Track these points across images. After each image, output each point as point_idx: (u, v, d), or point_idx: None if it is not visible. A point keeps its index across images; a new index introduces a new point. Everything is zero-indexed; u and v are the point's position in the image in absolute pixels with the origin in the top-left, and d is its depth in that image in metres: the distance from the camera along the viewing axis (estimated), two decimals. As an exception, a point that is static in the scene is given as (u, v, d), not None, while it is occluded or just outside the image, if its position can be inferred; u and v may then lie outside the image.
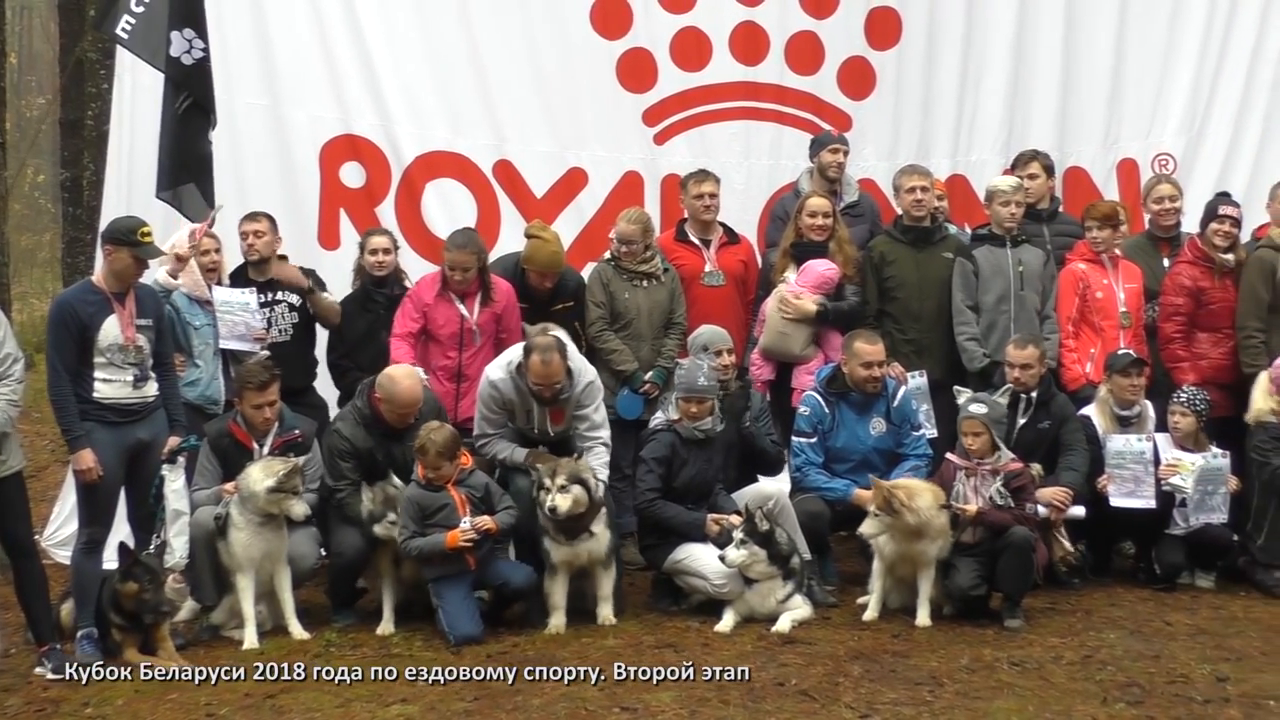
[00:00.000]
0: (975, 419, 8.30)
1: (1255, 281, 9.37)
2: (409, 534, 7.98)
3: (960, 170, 11.75)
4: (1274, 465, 8.79)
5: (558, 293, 9.66)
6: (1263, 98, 12.04)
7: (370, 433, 8.39)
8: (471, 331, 9.26)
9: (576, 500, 8.08)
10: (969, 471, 8.29)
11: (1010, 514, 8.14)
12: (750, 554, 8.03)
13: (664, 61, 11.45)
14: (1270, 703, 6.50)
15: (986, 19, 11.79)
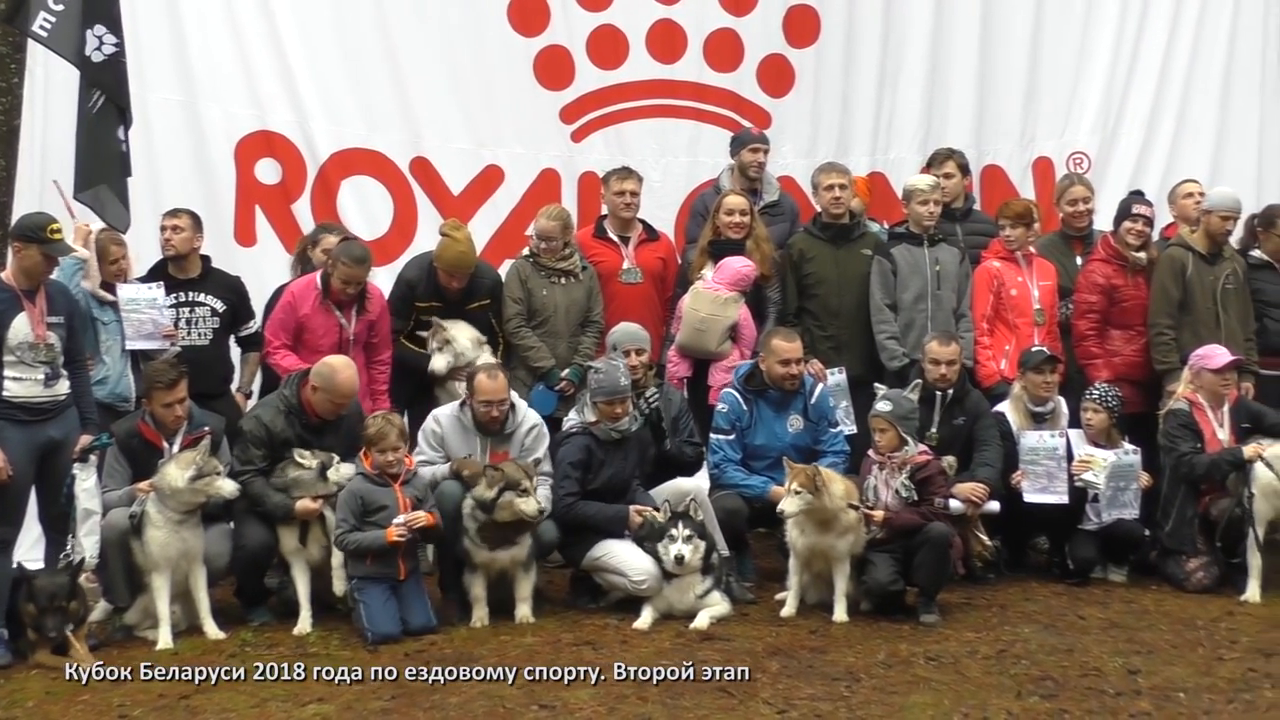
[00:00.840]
0: (881, 416, 8.34)
1: (1166, 280, 9.48)
2: (346, 528, 7.92)
3: (879, 168, 11.85)
4: (1180, 451, 8.90)
5: (472, 291, 9.60)
6: (1175, 97, 12.27)
7: (290, 423, 8.31)
8: (349, 341, 9.14)
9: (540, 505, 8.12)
10: (881, 465, 8.34)
11: (918, 513, 8.17)
12: (695, 548, 8.07)
13: (581, 59, 11.48)
14: (1180, 695, 6.56)
15: (904, 17, 11.93)
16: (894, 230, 10.09)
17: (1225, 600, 8.47)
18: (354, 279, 9.03)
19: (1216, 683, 6.76)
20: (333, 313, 9.11)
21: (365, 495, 7.97)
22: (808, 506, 8.07)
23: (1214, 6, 12.32)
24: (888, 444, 8.32)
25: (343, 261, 9.01)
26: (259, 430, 8.27)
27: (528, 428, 8.63)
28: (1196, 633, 7.73)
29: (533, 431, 8.64)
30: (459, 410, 8.61)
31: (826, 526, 8.12)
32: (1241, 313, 9.52)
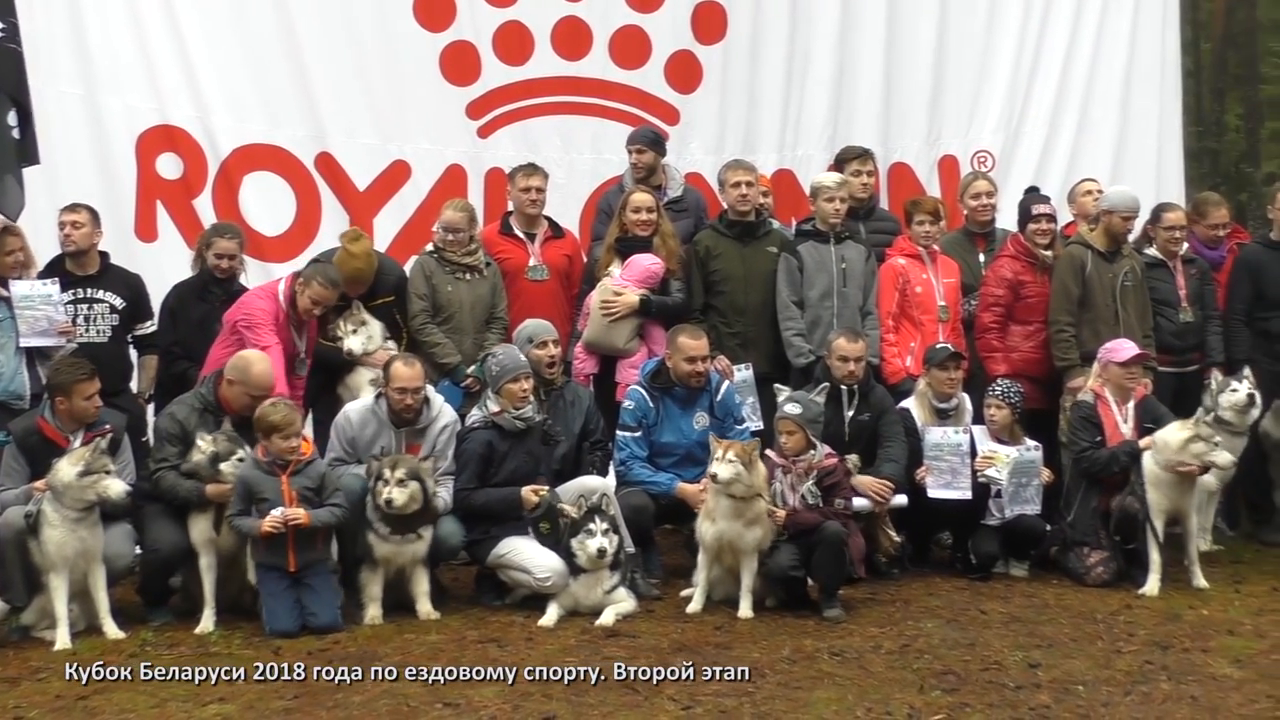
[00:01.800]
0: (790, 419, 8.34)
1: (1066, 277, 9.59)
2: (236, 510, 7.87)
3: (786, 165, 11.92)
4: (1081, 446, 9.01)
5: (376, 288, 9.54)
6: (1076, 97, 12.48)
7: (205, 420, 8.20)
8: (299, 359, 9.06)
9: (413, 495, 8.02)
10: (785, 469, 8.35)
11: (819, 513, 8.19)
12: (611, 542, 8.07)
13: (487, 55, 11.49)
14: (1079, 687, 6.62)
15: (811, 15, 12.03)
16: (800, 227, 10.13)
17: (1124, 594, 8.58)
18: (325, 301, 8.93)
19: (1115, 675, 6.83)
20: (289, 330, 8.98)
21: (251, 482, 7.91)
22: (738, 477, 8.07)
23: (1114, 10, 12.54)
24: (795, 447, 8.33)
25: (318, 282, 8.87)
26: (173, 427, 8.17)
27: (442, 425, 8.60)
28: (1095, 626, 7.80)
29: (446, 430, 8.60)
30: (374, 403, 8.55)
31: (738, 513, 8.13)
32: (1140, 310, 9.66)
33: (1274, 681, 6.73)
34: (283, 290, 8.94)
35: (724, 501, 8.15)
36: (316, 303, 8.88)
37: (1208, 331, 10.01)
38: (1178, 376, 9.82)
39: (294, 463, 8.00)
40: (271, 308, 8.84)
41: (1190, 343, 9.94)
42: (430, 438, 8.55)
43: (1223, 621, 7.93)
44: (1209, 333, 10.02)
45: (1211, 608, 8.26)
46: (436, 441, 8.55)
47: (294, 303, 8.89)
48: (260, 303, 8.88)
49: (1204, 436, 8.71)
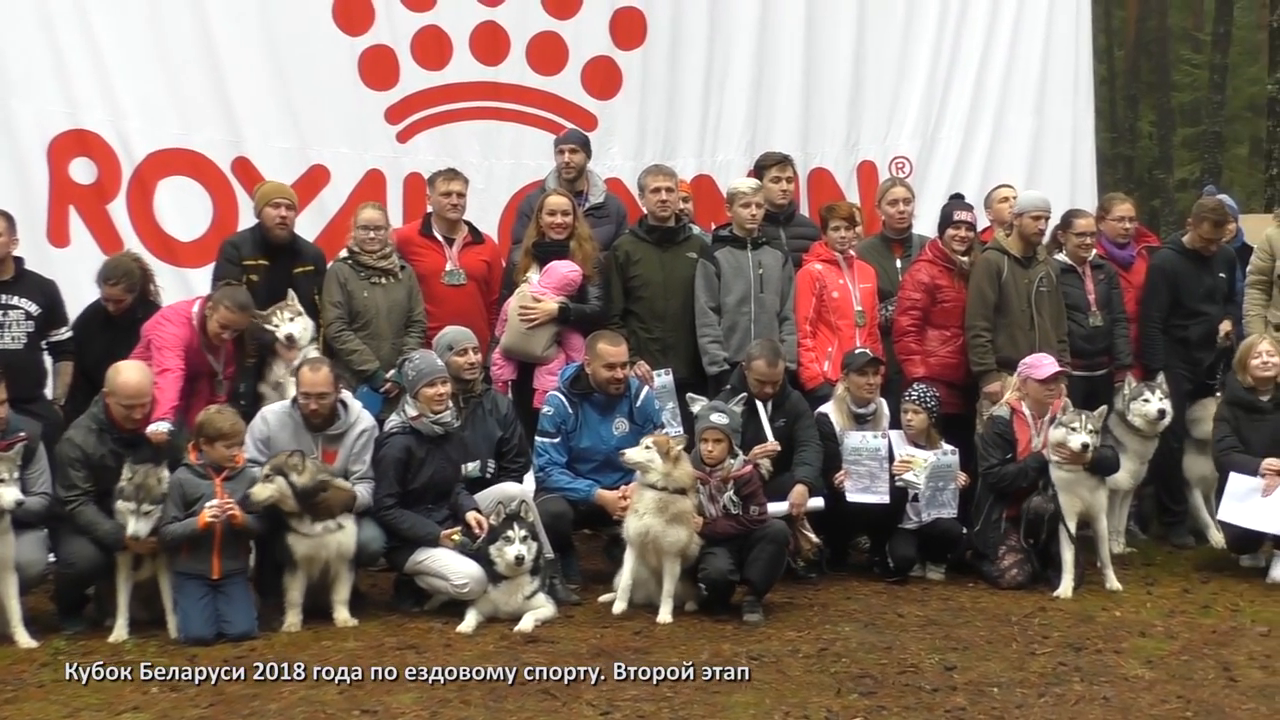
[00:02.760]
0: (716, 428, 8.34)
1: (982, 283, 9.66)
2: (169, 519, 7.80)
3: (706, 170, 11.96)
4: (990, 462, 9.09)
5: (298, 252, 9.58)
6: (991, 103, 12.61)
7: (103, 440, 8.08)
8: (219, 381, 8.97)
9: (279, 490, 7.97)
10: (703, 480, 8.35)
11: (736, 521, 8.22)
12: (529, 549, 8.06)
13: (406, 60, 11.45)
14: (993, 689, 6.69)
15: (730, 21, 12.07)
16: (718, 233, 10.15)
17: (1038, 596, 8.66)
18: (233, 325, 8.81)
19: (1029, 677, 6.90)
20: (203, 353, 8.88)
21: (186, 485, 7.87)
22: (650, 463, 8.13)
23: (1028, 17, 12.67)
24: (719, 455, 8.35)
25: (225, 306, 8.77)
26: (73, 452, 8.01)
27: (360, 430, 8.53)
28: (1010, 628, 7.88)
29: (363, 435, 8.54)
30: (290, 407, 8.49)
31: (662, 509, 8.14)
32: (1054, 315, 9.76)
33: (1184, 682, 6.83)
34: (195, 313, 8.85)
35: (648, 496, 8.18)
36: (225, 326, 8.77)
37: (1115, 335, 10.13)
38: (1087, 380, 9.92)
39: (228, 468, 7.98)
40: (182, 333, 8.74)
41: (1099, 346, 10.06)
42: (347, 443, 8.49)
43: (1135, 623, 8.03)
44: (1116, 336, 10.14)
45: (1124, 609, 8.36)
46: (354, 447, 8.49)
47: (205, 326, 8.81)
48: (170, 327, 8.77)
49: (1064, 422, 8.86)
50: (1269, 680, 6.84)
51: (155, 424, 8.14)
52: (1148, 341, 10.31)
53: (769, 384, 9.02)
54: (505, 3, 11.60)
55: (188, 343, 8.74)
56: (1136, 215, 10.87)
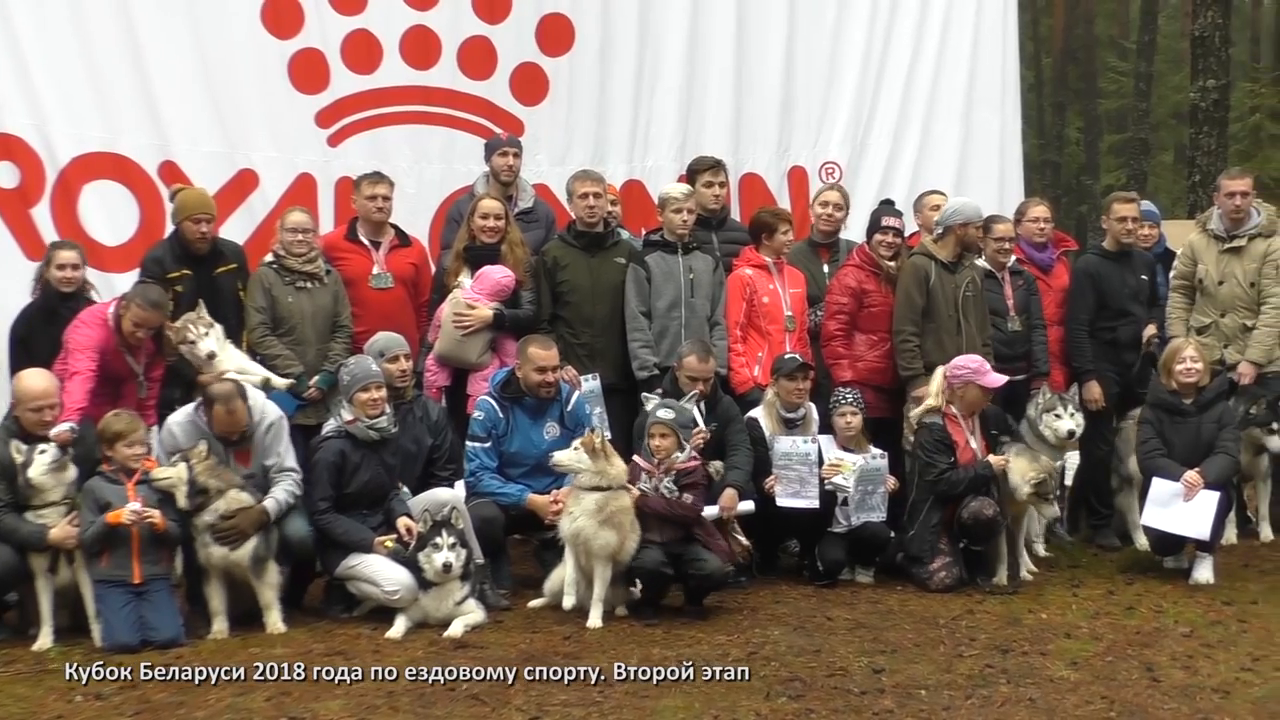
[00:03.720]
0: (664, 423, 8.40)
1: (910, 288, 9.70)
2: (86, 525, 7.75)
3: (636, 176, 11.96)
4: (939, 469, 9.13)
5: (220, 253, 9.52)
6: (920, 110, 12.67)
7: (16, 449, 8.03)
8: (140, 383, 8.89)
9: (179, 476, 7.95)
10: (649, 473, 8.39)
11: (665, 502, 8.26)
12: (458, 556, 8.05)
13: (336, 63, 11.35)
14: (921, 692, 6.74)
15: (659, 27, 12.06)
16: (649, 238, 10.17)
17: (966, 599, 8.73)
18: (147, 324, 8.72)
19: (956, 679, 6.96)
20: (123, 355, 8.79)
21: (98, 492, 7.84)
22: (579, 463, 8.17)
23: (956, 24, 12.75)
24: (668, 449, 8.39)
25: (137, 304, 8.69)
26: None
27: (267, 424, 8.48)
28: (938, 631, 7.93)
29: (271, 428, 8.48)
30: (194, 413, 8.41)
31: (597, 510, 8.16)
32: (980, 320, 9.82)
33: (1108, 683, 6.90)
34: (111, 314, 8.77)
35: (586, 499, 8.20)
36: (139, 325, 8.69)
37: (1033, 342, 10.23)
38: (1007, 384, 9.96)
39: (139, 472, 7.92)
40: (97, 334, 8.65)
41: (1019, 351, 10.13)
42: (256, 440, 8.44)
43: (1060, 625, 8.11)
44: (1034, 343, 10.23)
45: (1050, 611, 8.43)
46: (264, 441, 8.44)
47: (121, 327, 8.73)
48: (85, 329, 8.68)
49: (1042, 494, 9.18)
50: (1191, 680, 6.93)
51: (58, 425, 8.06)
52: (1075, 345, 10.42)
53: (701, 379, 9.05)
54: (436, 7, 11.53)
55: (103, 344, 8.64)
56: (1052, 218, 10.96)
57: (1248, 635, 7.84)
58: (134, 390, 8.83)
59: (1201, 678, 6.99)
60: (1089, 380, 10.35)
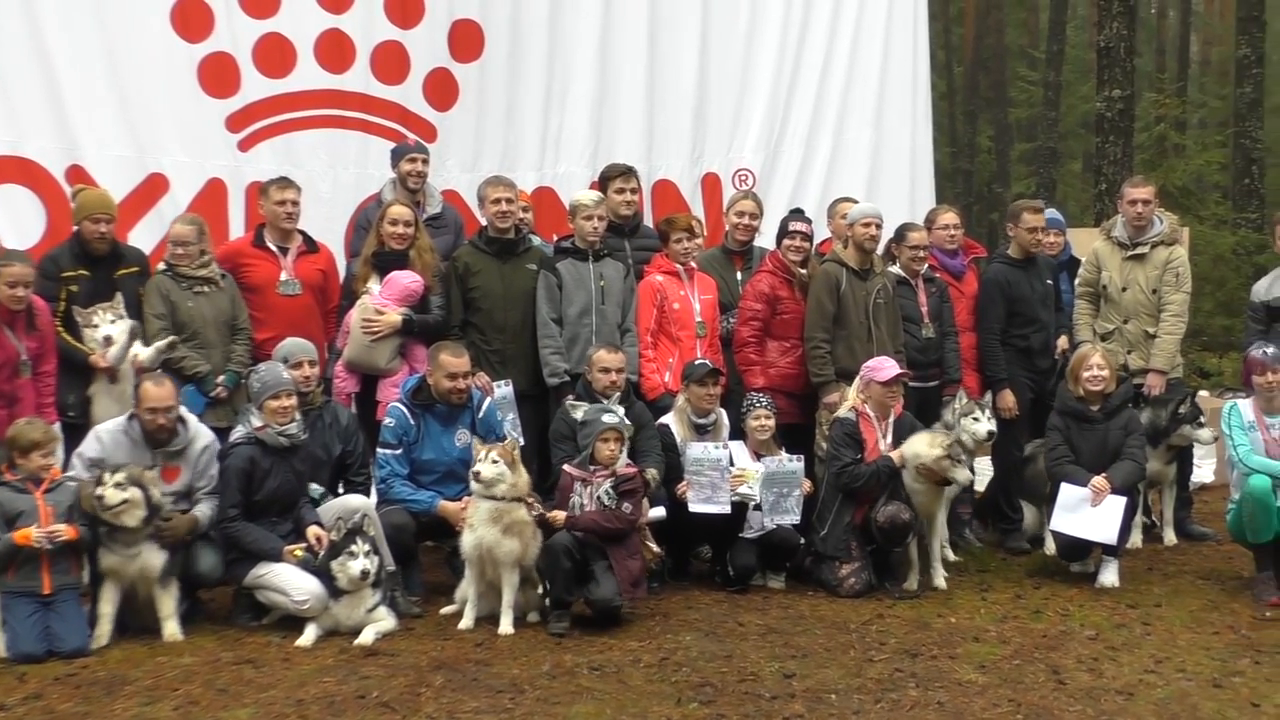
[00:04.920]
0: (613, 428, 8.43)
1: (821, 294, 9.77)
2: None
3: (547, 182, 11.96)
4: (843, 462, 9.18)
5: (120, 255, 9.40)
6: (831, 118, 12.79)
7: None
8: (23, 362, 8.70)
9: (132, 500, 7.86)
10: (585, 481, 8.39)
11: (601, 515, 8.27)
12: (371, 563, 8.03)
13: (247, 67, 11.30)
14: (831, 696, 6.79)
15: (569, 34, 12.09)
16: (560, 245, 10.16)
17: (876, 604, 8.78)
18: (22, 280, 8.52)
19: (866, 683, 7.00)
20: (4, 331, 8.64)
21: (4, 503, 7.74)
22: (500, 477, 8.15)
23: (866, 32, 12.89)
24: (616, 454, 8.41)
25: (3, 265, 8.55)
26: None
27: (201, 446, 8.43)
28: (848, 636, 7.98)
29: (206, 450, 8.44)
30: (126, 424, 8.33)
31: (496, 519, 8.16)
32: (891, 326, 9.90)
33: (1015, 686, 6.98)
34: None
35: (482, 507, 8.19)
36: (15, 284, 8.52)
37: (945, 349, 10.31)
38: (920, 391, 10.06)
39: (47, 480, 7.84)
40: None
41: (932, 358, 10.22)
42: (190, 460, 8.38)
43: (969, 629, 8.18)
44: (946, 350, 10.31)
45: (959, 615, 8.51)
46: (197, 463, 8.40)
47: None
48: None
49: (953, 456, 9.10)
50: (1095, 683, 7.02)
51: None
52: (989, 354, 10.52)
53: (612, 372, 9.08)
54: (350, 11, 11.52)
55: None
56: (962, 225, 11.05)
57: (1151, 638, 7.96)
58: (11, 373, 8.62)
59: (1106, 680, 7.09)
60: (1002, 389, 10.45)
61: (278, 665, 7.42)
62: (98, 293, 9.10)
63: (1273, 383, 9.18)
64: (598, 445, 8.44)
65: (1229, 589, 9.16)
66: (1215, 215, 24.41)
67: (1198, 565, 9.91)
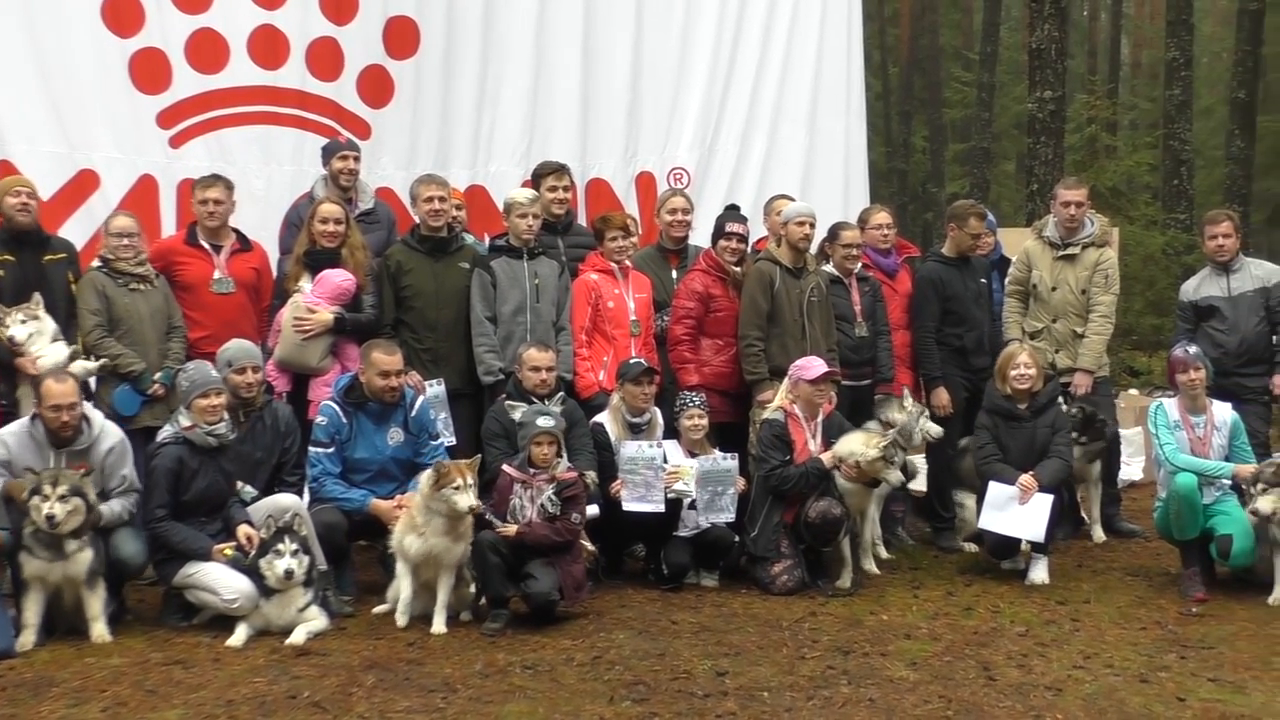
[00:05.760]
0: (548, 432, 8.40)
1: (755, 292, 9.80)
2: None
3: (480, 181, 11.92)
4: (772, 464, 9.22)
5: (46, 240, 9.36)
6: (766, 117, 12.82)
7: None
8: None
9: (75, 510, 7.79)
10: (525, 483, 8.37)
11: (552, 529, 8.26)
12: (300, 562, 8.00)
13: (179, 63, 11.19)
14: (764, 694, 6.81)
15: (504, 33, 12.05)
16: (494, 243, 10.15)
17: (809, 602, 8.81)
18: None
19: (798, 681, 7.03)
20: None
21: None
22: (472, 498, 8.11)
23: (800, 32, 12.93)
24: (550, 457, 8.39)
25: None
26: None
27: (108, 446, 8.30)
28: (781, 633, 8.01)
29: (114, 450, 8.32)
30: (30, 424, 8.22)
31: (450, 529, 8.15)
32: (824, 325, 9.95)
33: (946, 682, 7.02)
34: None
35: (437, 520, 8.14)
36: None
37: (878, 348, 10.36)
38: (853, 390, 10.12)
39: None
40: None
41: (865, 357, 10.27)
42: (96, 459, 8.24)
43: (901, 626, 8.23)
44: (879, 349, 10.37)
45: (891, 613, 8.56)
46: (104, 463, 8.27)
47: None
48: None
49: (888, 458, 9.16)
50: (1025, 679, 7.08)
51: None
52: (923, 351, 10.59)
53: (543, 370, 9.10)
54: (284, 6, 11.43)
55: None
56: (895, 224, 11.12)
57: (1080, 634, 8.04)
58: None
59: (1035, 676, 7.14)
60: (936, 387, 10.53)
61: (208, 665, 7.36)
62: (25, 280, 9.06)
63: (1195, 380, 9.31)
64: (532, 448, 8.42)
65: (1156, 585, 9.27)
66: (1145, 216, 24.64)
67: (1126, 562, 10.02)
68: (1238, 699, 6.75)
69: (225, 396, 8.47)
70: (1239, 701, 6.71)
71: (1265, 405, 10.40)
